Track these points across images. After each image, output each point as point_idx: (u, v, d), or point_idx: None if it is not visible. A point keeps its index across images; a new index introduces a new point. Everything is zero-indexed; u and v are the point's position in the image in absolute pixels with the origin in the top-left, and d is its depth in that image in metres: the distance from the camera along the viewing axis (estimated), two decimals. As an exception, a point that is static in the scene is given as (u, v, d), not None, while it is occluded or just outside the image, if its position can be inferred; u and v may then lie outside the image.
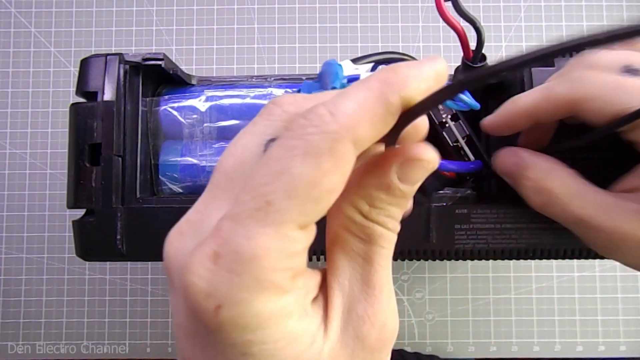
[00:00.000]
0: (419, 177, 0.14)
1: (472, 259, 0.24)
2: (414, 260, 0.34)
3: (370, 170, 0.14)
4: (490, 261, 0.27)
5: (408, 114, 0.12)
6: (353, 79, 0.19)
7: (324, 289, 0.15)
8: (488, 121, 0.22)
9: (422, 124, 0.15)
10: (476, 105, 0.19)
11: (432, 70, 0.13)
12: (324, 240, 0.15)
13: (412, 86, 0.12)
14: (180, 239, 0.13)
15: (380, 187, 0.14)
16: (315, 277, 0.15)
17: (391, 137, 0.13)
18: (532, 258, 0.24)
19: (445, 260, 0.25)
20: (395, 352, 0.38)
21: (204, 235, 0.12)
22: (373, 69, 0.25)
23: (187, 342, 0.13)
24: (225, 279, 0.11)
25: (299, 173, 0.11)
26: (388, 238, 0.15)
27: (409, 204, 0.15)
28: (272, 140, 0.13)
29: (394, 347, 0.38)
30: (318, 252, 0.24)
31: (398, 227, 0.15)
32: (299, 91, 0.19)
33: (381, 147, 0.14)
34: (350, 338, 0.14)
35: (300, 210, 0.12)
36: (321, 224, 0.13)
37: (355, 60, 0.22)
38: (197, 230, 0.13)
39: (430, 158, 0.14)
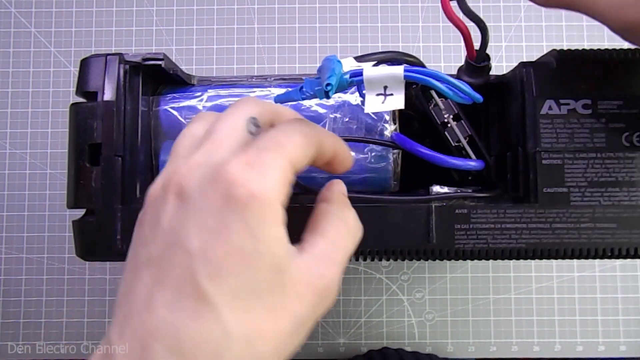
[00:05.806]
0: None
1: (472, 259, 0.24)
2: (414, 260, 0.34)
3: None
4: (490, 261, 0.27)
5: None
6: (355, 73, 0.19)
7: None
8: None
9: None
10: (479, 98, 0.19)
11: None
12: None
13: None
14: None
15: None
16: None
17: None
18: (532, 258, 0.24)
19: (445, 260, 0.25)
20: (394, 352, 0.38)
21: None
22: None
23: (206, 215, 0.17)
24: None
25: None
26: None
27: None
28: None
29: (393, 347, 0.38)
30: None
31: None
32: (301, 88, 0.19)
33: None
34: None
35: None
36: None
37: (358, 58, 0.21)
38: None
39: None
